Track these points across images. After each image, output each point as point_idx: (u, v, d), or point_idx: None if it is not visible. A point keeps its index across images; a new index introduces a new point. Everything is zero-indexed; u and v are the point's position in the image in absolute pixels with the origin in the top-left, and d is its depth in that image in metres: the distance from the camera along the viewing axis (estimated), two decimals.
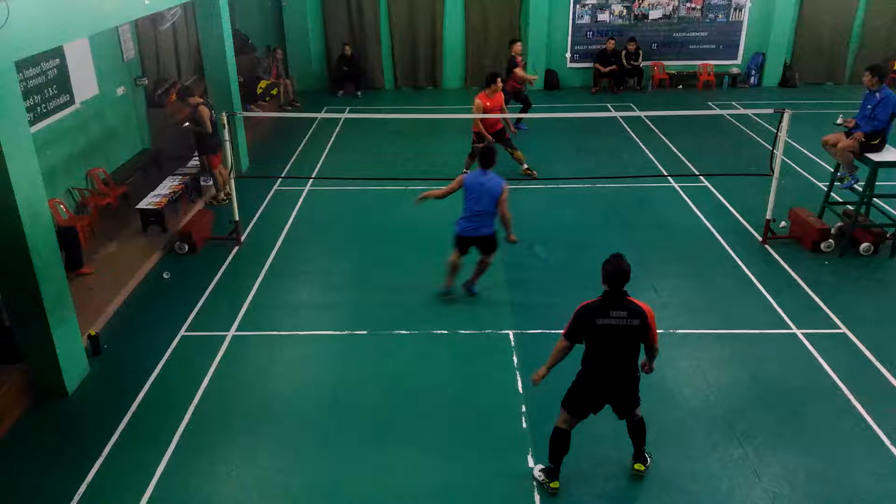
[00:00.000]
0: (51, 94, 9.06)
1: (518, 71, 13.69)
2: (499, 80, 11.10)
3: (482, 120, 10.90)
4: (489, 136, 10.89)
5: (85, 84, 9.98)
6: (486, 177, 7.37)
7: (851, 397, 6.27)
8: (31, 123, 8.22)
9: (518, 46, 13.92)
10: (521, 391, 6.42)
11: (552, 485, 5.28)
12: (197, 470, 5.61)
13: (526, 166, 11.55)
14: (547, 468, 5.33)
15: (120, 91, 11.17)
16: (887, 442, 5.74)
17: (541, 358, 6.80)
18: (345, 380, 6.66)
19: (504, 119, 11.31)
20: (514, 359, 6.89)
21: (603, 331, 4.88)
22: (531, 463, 5.59)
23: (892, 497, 5.23)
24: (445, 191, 7.59)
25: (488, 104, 10.97)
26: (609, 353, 4.98)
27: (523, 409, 6.19)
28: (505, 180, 7.41)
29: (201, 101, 10.34)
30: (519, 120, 13.43)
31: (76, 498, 5.32)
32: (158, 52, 12.48)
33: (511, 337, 7.24)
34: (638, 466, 5.41)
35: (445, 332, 7.35)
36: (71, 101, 9.58)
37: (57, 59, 9.17)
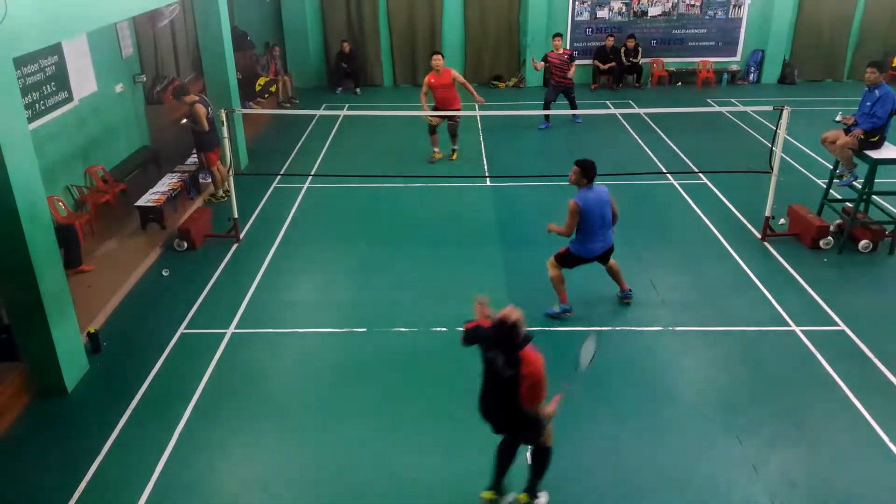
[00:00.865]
0: (49, 91, 9.04)
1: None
2: (438, 56, 11.92)
3: (429, 97, 12.11)
4: (427, 110, 11.88)
5: (83, 81, 9.96)
6: (594, 191, 7.02)
7: (850, 394, 6.28)
8: (30, 120, 8.21)
9: (557, 41, 14.23)
10: None
11: (483, 494, 5.07)
12: (197, 466, 5.62)
13: (436, 150, 12.36)
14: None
15: (118, 88, 11.15)
16: (885, 438, 5.75)
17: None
18: (344, 377, 6.67)
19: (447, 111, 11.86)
20: None
21: (486, 361, 4.63)
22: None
23: (890, 493, 5.24)
24: (570, 224, 7.04)
25: (432, 81, 11.87)
26: (487, 384, 4.69)
27: None
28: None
29: (197, 98, 10.31)
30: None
31: (76, 495, 5.32)
32: (157, 49, 12.46)
33: None
34: (522, 497, 5.08)
35: (444, 329, 7.35)
36: (69, 99, 9.57)
37: (55, 57, 9.15)
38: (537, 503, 5.07)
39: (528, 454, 4.93)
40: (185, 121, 10.52)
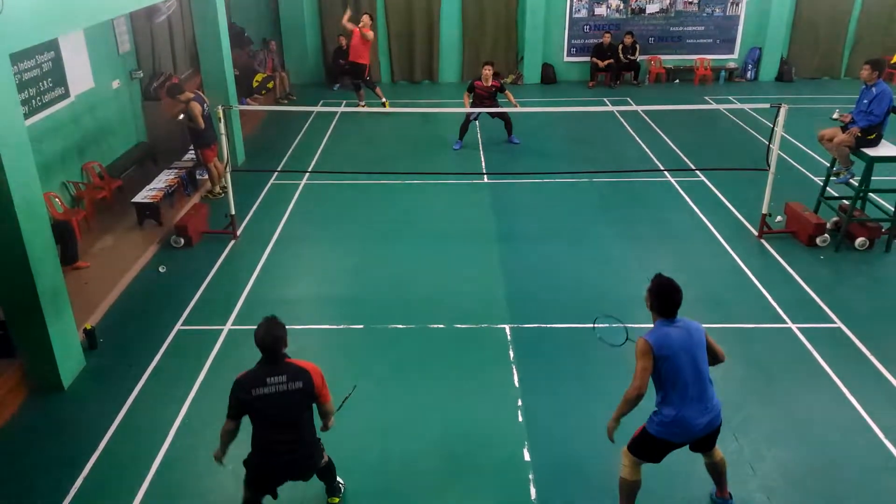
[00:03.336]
0: (46, 87, 9.02)
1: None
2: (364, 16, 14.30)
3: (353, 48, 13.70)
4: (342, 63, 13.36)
5: (80, 77, 9.94)
6: (678, 327, 4.57)
7: (846, 391, 6.30)
8: (27, 116, 8.19)
9: (486, 70, 12.73)
10: (516, 385, 6.43)
11: None
12: (194, 463, 5.61)
13: (363, 104, 14.03)
14: None
15: (115, 84, 11.13)
16: (881, 435, 5.77)
17: (537, 352, 6.88)
18: (341, 374, 6.65)
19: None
20: (511, 353, 6.90)
21: (262, 402, 4.36)
22: (527, 457, 5.60)
23: (887, 490, 5.26)
24: (639, 376, 4.43)
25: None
26: (272, 426, 4.44)
27: (519, 402, 6.20)
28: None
29: (192, 96, 10.27)
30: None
31: (73, 492, 5.32)
32: (154, 45, 12.42)
33: (507, 331, 7.25)
34: (334, 500, 5.13)
35: (442, 326, 7.35)
36: (66, 95, 9.54)
37: (52, 52, 9.13)
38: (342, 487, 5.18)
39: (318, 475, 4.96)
40: (181, 117, 10.50)
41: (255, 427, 4.51)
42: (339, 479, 5.18)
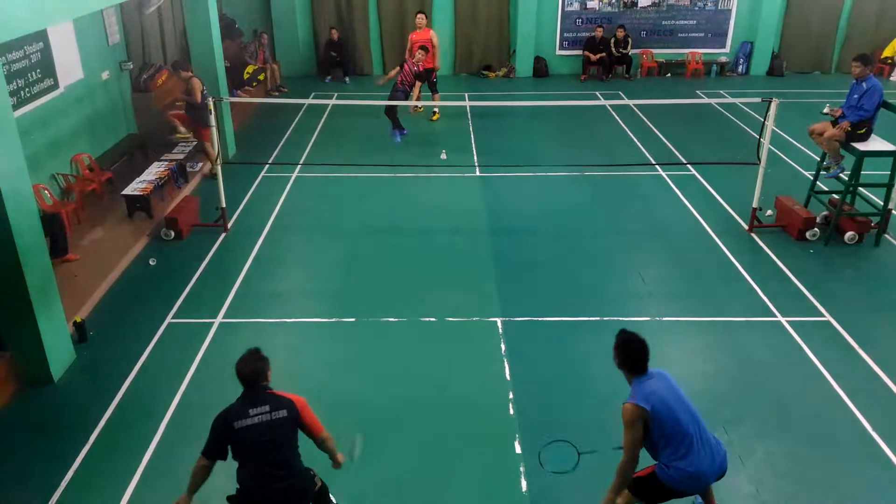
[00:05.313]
0: (34, 78, 8.95)
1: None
2: (421, 15, 13.91)
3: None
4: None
5: (69, 68, 9.86)
6: (656, 380, 4.34)
7: (835, 385, 6.34)
8: (15, 108, 8.12)
9: (420, 53, 12.75)
10: (508, 378, 6.44)
11: None
12: (184, 457, 5.58)
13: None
14: None
15: (105, 75, 11.05)
16: (869, 429, 5.81)
17: (528, 346, 6.89)
18: (332, 367, 6.66)
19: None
20: (502, 346, 6.91)
21: (245, 433, 4.23)
22: (518, 450, 5.62)
23: (874, 483, 5.30)
24: (631, 442, 4.27)
25: (414, 37, 13.33)
26: (257, 459, 4.27)
27: (510, 396, 6.22)
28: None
29: (192, 74, 10.63)
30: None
31: (62, 485, 5.31)
32: (144, 36, 12.34)
33: (499, 324, 7.26)
34: None
35: (433, 319, 7.36)
36: (55, 86, 9.47)
37: (41, 43, 9.05)
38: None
39: None
40: (178, 102, 10.80)
41: (242, 462, 4.34)
42: (332, 497, 4.93)
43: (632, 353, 4.29)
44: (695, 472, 4.24)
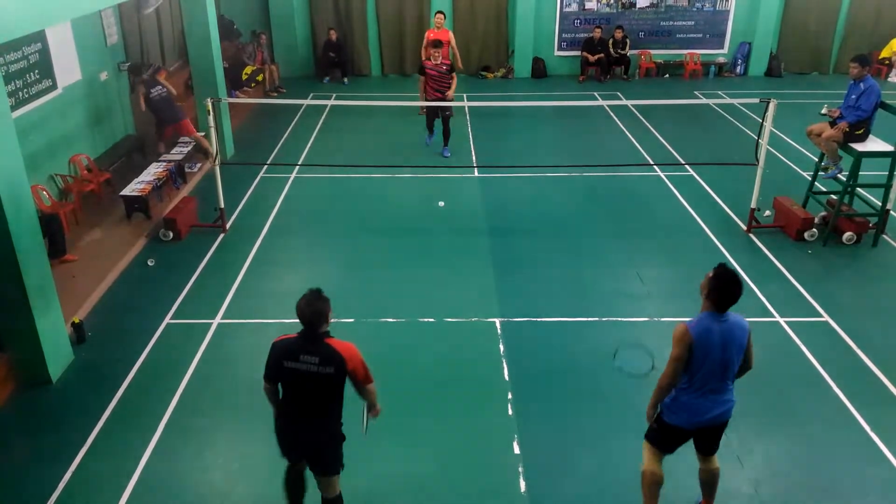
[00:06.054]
0: (33, 79, 8.94)
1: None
2: (440, 14, 13.58)
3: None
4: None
5: (67, 69, 9.86)
6: (726, 323, 4.41)
7: (833, 385, 6.35)
8: (13, 109, 8.12)
9: (436, 51, 11.85)
10: (506, 379, 6.44)
11: None
12: (183, 457, 5.60)
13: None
14: None
15: (103, 76, 11.05)
16: (867, 429, 5.82)
17: (527, 346, 6.89)
18: None
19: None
20: (501, 347, 6.91)
21: (292, 375, 4.26)
22: (517, 450, 5.62)
23: (871, 483, 5.31)
24: (673, 363, 4.40)
25: (430, 36, 13.10)
26: (296, 401, 4.35)
27: (509, 396, 6.22)
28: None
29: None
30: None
31: (61, 485, 5.30)
32: (142, 37, 12.34)
33: (497, 325, 7.26)
34: None
35: (432, 319, 7.36)
36: (53, 87, 9.46)
37: (39, 44, 9.04)
38: None
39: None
40: (163, 90, 10.86)
41: (283, 393, 4.40)
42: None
43: (723, 289, 4.34)
44: (691, 403, 4.45)
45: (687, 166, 11.38)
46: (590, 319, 7.32)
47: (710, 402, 4.46)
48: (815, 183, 9.57)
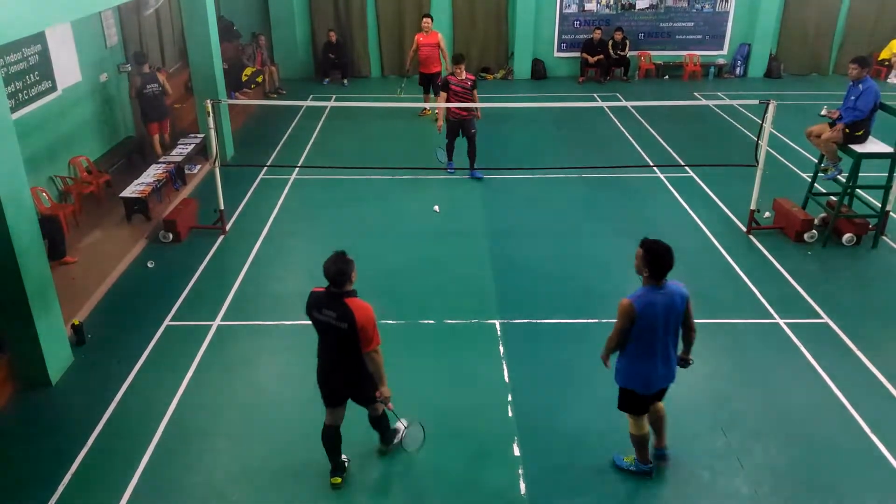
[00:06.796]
0: (32, 80, 8.94)
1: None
2: (427, 18, 13.71)
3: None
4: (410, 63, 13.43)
5: (67, 70, 9.86)
6: (663, 293, 4.76)
7: (833, 386, 6.35)
8: (13, 110, 8.12)
9: (459, 67, 11.07)
10: (507, 381, 6.44)
11: (333, 481, 5.27)
12: (183, 459, 5.60)
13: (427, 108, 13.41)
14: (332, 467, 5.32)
15: (103, 78, 11.05)
16: (867, 430, 5.82)
17: (527, 347, 6.90)
18: None
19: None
20: (500, 348, 6.91)
21: (318, 324, 4.92)
22: (517, 452, 5.62)
23: (872, 485, 5.31)
24: (616, 334, 4.85)
25: (421, 39, 13.47)
26: (325, 347, 4.99)
27: (509, 398, 6.22)
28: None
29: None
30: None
31: (61, 488, 5.30)
32: (142, 38, 12.34)
33: (497, 327, 7.26)
34: (382, 447, 5.55)
35: (432, 321, 7.36)
36: (53, 88, 9.47)
37: (38, 45, 9.05)
38: (397, 433, 5.52)
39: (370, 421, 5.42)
40: (158, 88, 11.01)
41: (318, 340, 5.01)
42: (398, 425, 5.45)
43: (658, 261, 4.69)
44: (638, 371, 4.92)
45: (687, 167, 11.38)
46: (590, 321, 7.32)
47: (660, 367, 4.90)
48: (815, 184, 9.57)
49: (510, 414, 6.03)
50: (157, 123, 11.32)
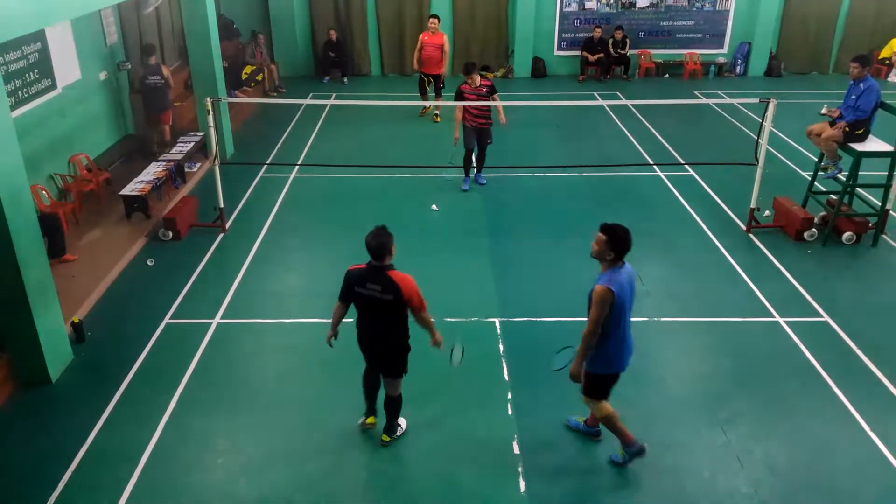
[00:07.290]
0: (32, 78, 8.94)
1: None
2: (434, 19, 13.95)
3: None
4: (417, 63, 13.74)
5: (67, 68, 9.85)
6: (625, 272, 4.93)
7: (833, 385, 6.35)
8: (13, 108, 8.11)
9: (473, 76, 10.33)
10: (506, 379, 6.45)
11: (368, 420, 5.75)
12: (183, 457, 5.60)
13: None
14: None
15: (102, 76, 11.04)
16: (867, 429, 5.82)
17: (527, 346, 6.89)
18: (330, 368, 6.65)
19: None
20: (500, 347, 6.91)
21: (361, 299, 5.14)
22: (517, 450, 5.62)
23: (871, 483, 5.31)
24: (595, 322, 4.88)
25: (425, 39, 13.69)
26: (367, 319, 5.25)
27: (509, 396, 6.22)
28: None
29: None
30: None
31: (60, 485, 5.30)
32: (142, 36, 12.33)
33: (497, 325, 7.26)
34: (384, 437, 5.67)
35: (432, 319, 7.33)
36: (53, 86, 9.46)
37: (38, 44, 9.04)
38: (398, 434, 5.74)
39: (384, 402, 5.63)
40: (160, 80, 11.15)
41: (358, 313, 5.30)
42: (400, 421, 5.71)
43: (623, 244, 4.83)
44: (620, 350, 5.06)
45: (687, 166, 11.38)
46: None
47: (629, 344, 5.12)
48: (815, 183, 9.57)
49: (510, 412, 6.04)
50: (158, 115, 11.37)
